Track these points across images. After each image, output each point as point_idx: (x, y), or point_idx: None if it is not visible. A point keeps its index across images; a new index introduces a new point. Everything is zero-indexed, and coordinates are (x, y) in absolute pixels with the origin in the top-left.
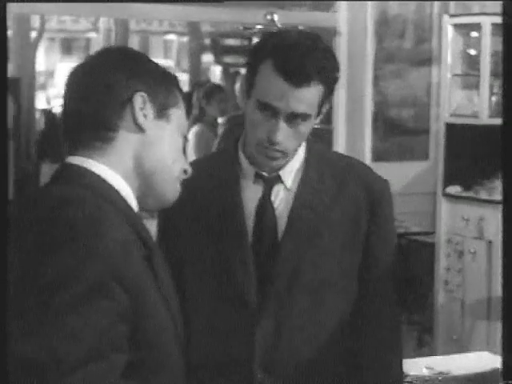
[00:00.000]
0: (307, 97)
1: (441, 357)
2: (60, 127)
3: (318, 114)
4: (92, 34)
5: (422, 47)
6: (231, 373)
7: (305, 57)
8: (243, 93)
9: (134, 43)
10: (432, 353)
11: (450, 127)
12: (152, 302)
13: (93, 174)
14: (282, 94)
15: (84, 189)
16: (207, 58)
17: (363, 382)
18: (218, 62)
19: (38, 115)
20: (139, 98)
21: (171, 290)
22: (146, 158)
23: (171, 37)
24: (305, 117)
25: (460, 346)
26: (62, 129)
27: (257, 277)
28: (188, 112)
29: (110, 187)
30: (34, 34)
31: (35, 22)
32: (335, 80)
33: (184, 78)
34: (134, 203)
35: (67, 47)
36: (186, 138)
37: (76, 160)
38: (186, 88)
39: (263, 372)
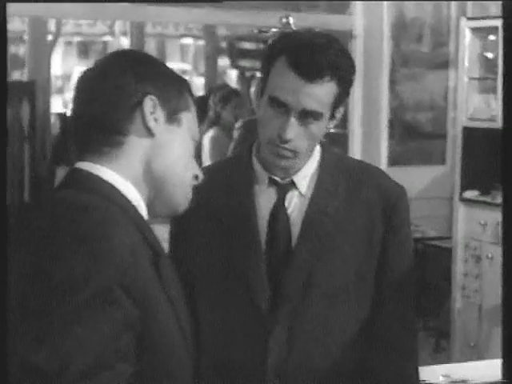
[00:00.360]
0: (319, 93)
1: (458, 364)
2: (69, 132)
3: (332, 116)
4: (108, 38)
5: (440, 51)
6: (243, 380)
7: (318, 52)
8: (257, 94)
9: (151, 47)
10: (449, 359)
11: (467, 131)
12: (159, 311)
13: (102, 180)
14: (293, 88)
15: (93, 195)
16: (223, 61)
17: None
18: (234, 65)
19: (53, 119)
20: (149, 102)
21: (180, 297)
22: (157, 163)
23: (188, 40)
24: (316, 115)
25: (477, 352)
26: (71, 133)
27: (270, 284)
28: (203, 116)
29: (119, 193)
30: (50, 38)
31: (51, 25)
32: (350, 80)
33: (201, 82)
34: (143, 209)
35: (84, 51)
36: (197, 143)
37: (85, 165)
38: (202, 92)
39: (276, 380)
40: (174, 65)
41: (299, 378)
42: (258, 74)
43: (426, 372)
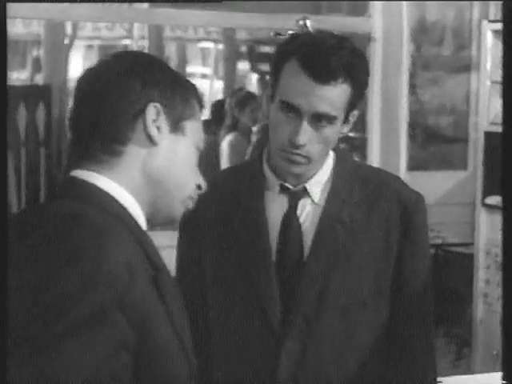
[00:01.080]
0: (332, 96)
1: (479, 376)
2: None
3: (345, 120)
4: (127, 41)
5: (461, 54)
6: None
7: (330, 53)
8: (267, 99)
9: (171, 50)
10: (471, 367)
11: (489, 136)
12: (157, 330)
13: (99, 189)
14: (305, 91)
15: (89, 205)
16: (243, 65)
17: None
18: (253, 69)
19: None
20: (152, 110)
21: (180, 313)
22: (157, 174)
23: (208, 44)
24: (330, 119)
25: (500, 361)
26: (69, 139)
27: (282, 296)
28: (222, 120)
29: (117, 203)
30: (67, 41)
31: (68, 28)
32: (364, 82)
33: (221, 86)
34: (142, 221)
35: (102, 54)
36: (201, 152)
37: (82, 174)
38: (220, 96)
39: None
40: (195, 68)
41: None
42: None
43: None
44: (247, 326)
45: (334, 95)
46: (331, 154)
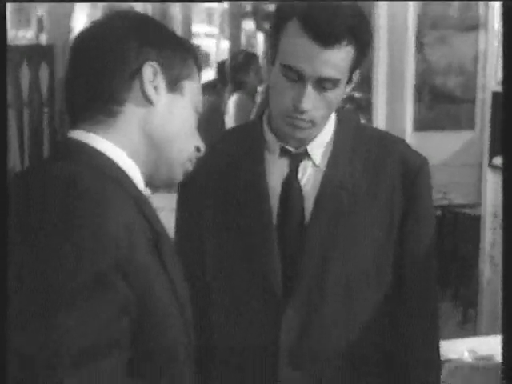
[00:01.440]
0: (336, 60)
1: (484, 338)
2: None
3: (349, 81)
4: (132, 2)
5: (469, 13)
6: (254, 365)
7: (334, 15)
8: (267, 60)
9: (176, 10)
10: (476, 329)
11: (496, 96)
12: (158, 294)
13: (96, 150)
14: (308, 55)
15: (86, 168)
16: (249, 24)
17: (397, 374)
18: (259, 28)
19: None
20: (149, 69)
21: (180, 277)
22: (155, 135)
23: (213, 4)
24: (334, 82)
25: None
26: (65, 99)
27: (283, 261)
28: (227, 81)
29: (115, 165)
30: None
31: None
32: (368, 42)
33: (227, 46)
34: (140, 183)
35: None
36: (200, 115)
37: (78, 134)
38: (227, 55)
39: (288, 366)
40: (201, 28)
41: (312, 361)
42: None
43: (450, 346)
44: (248, 292)
45: (338, 59)
46: (332, 115)
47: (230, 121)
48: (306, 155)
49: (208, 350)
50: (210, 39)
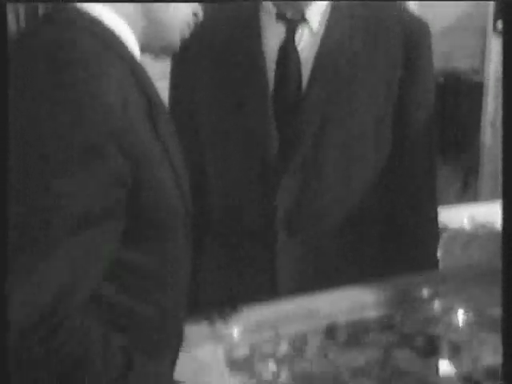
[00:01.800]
0: None
1: (485, 204)
2: None
3: None
4: None
5: None
6: (254, 235)
7: None
8: None
9: None
10: (477, 197)
11: None
12: (153, 164)
13: (88, 14)
14: None
15: (79, 32)
16: None
17: (396, 241)
18: None
19: None
20: None
21: (176, 148)
22: None
23: None
24: None
25: None
26: None
27: (279, 130)
28: None
29: (109, 30)
30: None
31: None
32: None
33: None
34: (136, 50)
35: None
36: None
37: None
38: None
39: (286, 234)
40: None
41: (311, 231)
42: None
43: (450, 213)
44: (244, 161)
45: None
46: None
47: None
48: (303, 20)
49: (205, 217)
50: None
